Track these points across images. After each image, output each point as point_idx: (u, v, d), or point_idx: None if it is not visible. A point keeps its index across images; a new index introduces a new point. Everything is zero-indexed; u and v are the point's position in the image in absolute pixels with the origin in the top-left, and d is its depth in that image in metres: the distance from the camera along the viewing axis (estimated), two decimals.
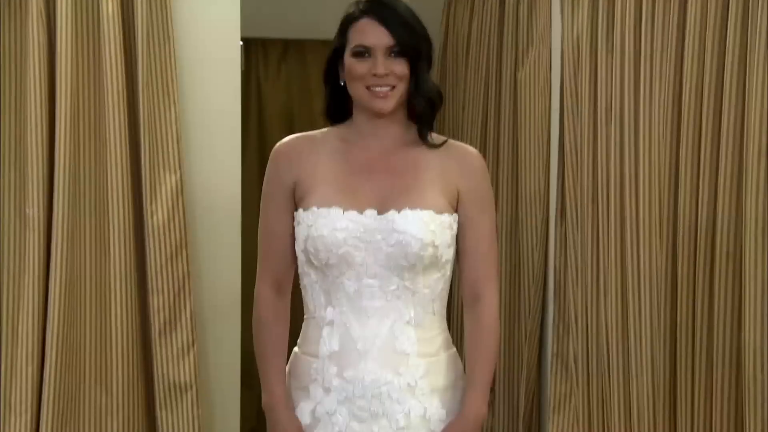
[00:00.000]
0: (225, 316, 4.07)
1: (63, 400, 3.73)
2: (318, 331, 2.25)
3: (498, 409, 4.57)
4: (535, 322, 4.39)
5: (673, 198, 3.31)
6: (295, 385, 2.28)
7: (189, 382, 3.88)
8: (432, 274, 2.24)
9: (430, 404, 2.24)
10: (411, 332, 2.23)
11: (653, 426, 3.46)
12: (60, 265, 3.70)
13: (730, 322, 3.04)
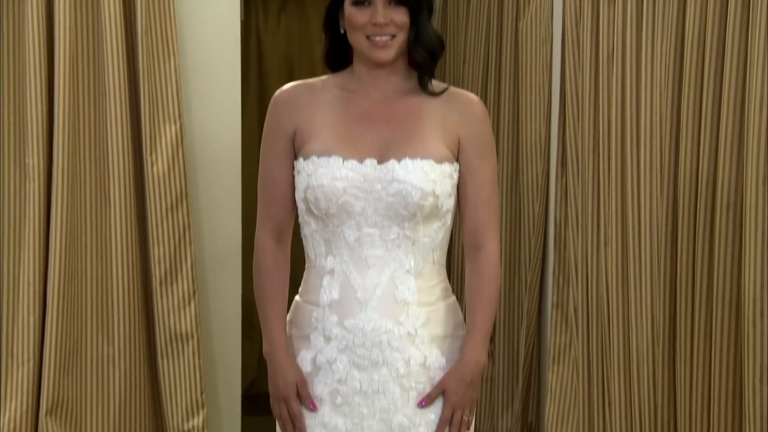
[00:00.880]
0: (226, 266, 4.08)
1: (65, 349, 3.75)
2: (318, 280, 2.25)
3: (498, 359, 4.59)
4: (536, 272, 4.40)
5: (674, 148, 3.30)
6: (296, 334, 2.29)
7: (190, 332, 3.90)
8: (432, 224, 2.23)
9: (429, 352, 2.25)
10: (411, 281, 2.23)
11: (653, 375, 3.47)
12: (60, 215, 3.70)
13: (729, 271, 3.04)
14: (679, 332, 3.29)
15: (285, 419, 2.25)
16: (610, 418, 3.74)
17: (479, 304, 2.25)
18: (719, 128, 3.06)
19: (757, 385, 2.90)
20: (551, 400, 4.17)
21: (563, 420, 4.14)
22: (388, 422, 2.22)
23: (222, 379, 4.10)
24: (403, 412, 2.22)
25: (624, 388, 3.66)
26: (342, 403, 2.23)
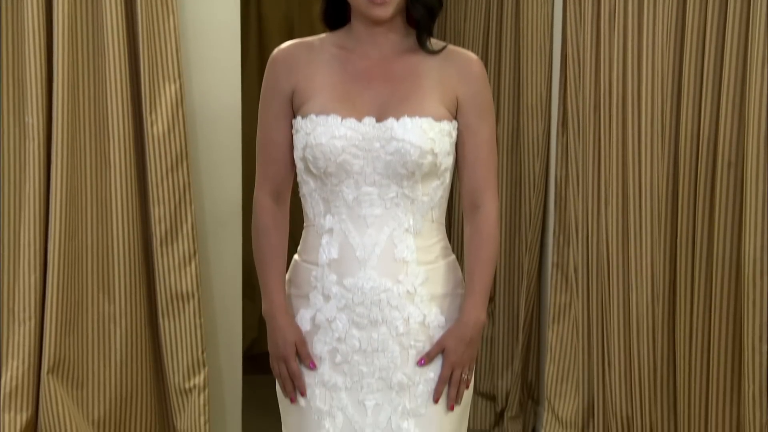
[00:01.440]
0: (226, 226, 4.08)
1: (66, 308, 3.76)
2: (317, 239, 2.25)
3: (498, 319, 4.61)
4: (536, 232, 4.40)
5: (675, 107, 3.29)
6: (295, 293, 2.29)
7: (191, 292, 3.91)
8: (431, 182, 2.23)
9: (429, 311, 2.25)
10: (410, 240, 2.23)
11: (652, 334, 3.48)
12: (60, 174, 3.70)
13: (730, 230, 3.04)
14: (678, 291, 3.30)
15: (284, 378, 2.26)
16: (610, 377, 3.76)
17: (478, 263, 2.25)
18: (721, 87, 3.04)
19: (756, 344, 2.91)
20: (551, 359, 4.19)
21: (563, 379, 4.16)
22: (388, 380, 2.23)
23: (223, 338, 4.12)
24: (402, 371, 2.23)
25: (624, 347, 3.68)
26: (341, 361, 2.24)
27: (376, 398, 2.23)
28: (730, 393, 3.07)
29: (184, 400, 3.91)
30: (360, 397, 2.23)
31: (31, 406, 3.76)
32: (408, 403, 2.23)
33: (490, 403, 4.70)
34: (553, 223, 4.24)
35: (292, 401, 2.26)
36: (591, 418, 3.95)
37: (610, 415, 3.77)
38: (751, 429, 2.93)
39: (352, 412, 2.23)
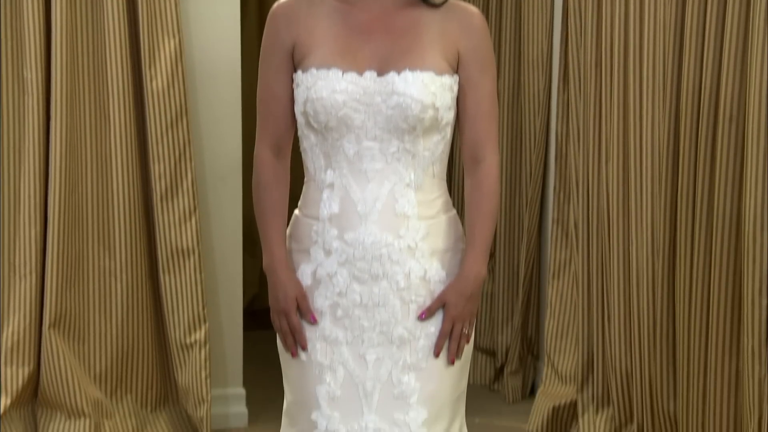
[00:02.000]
0: (226, 182, 4.08)
1: (67, 263, 3.77)
2: (318, 194, 2.25)
3: (498, 275, 4.62)
4: (536, 188, 4.40)
5: (677, 61, 3.28)
6: (296, 248, 2.29)
7: (191, 248, 3.91)
8: (432, 137, 2.22)
9: (430, 266, 2.25)
10: (411, 195, 2.23)
11: (652, 289, 3.49)
12: (60, 129, 3.69)
13: (731, 185, 3.04)
14: (679, 246, 3.30)
15: (285, 332, 2.26)
16: (609, 332, 3.77)
17: (479, 217, 2.25)
18: (723, 42, 3.03)
19: (755, 298, 2.92)
20: (551, 314, 4.20)
21: (562, 334, 4.17)
22: (388, 334, 2.23)
23: (223, 294, 4.13)
24: (403, 325, 2.24)
25: (623, 303, 3.69)
26: (342, 316, 2.24)
27: (376, 352, 2.23)
28: (729, 347, 3.08)
29: (185, 355, 3.93)
30: (361, 351, 2.24)
31: (32, 361, 3.78)
32: (409, 357, 2.23)
33: (489, 358, 4.72)
34: (554, 179, 4.23)
35: (293, 355, 2.27)
36: (590, 372, 3.97)
37: (610, 370, 3.79)
38: (749, 382, 2.95)
39: (353, 366, 2.23)
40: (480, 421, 4.19)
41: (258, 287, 5.53)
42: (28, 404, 3.84)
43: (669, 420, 3.44)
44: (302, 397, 2.25)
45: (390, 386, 2.23)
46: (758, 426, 2.92)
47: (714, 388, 3.12)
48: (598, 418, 3.92)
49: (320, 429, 2.22)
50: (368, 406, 2.22)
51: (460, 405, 2.32)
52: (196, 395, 3.92)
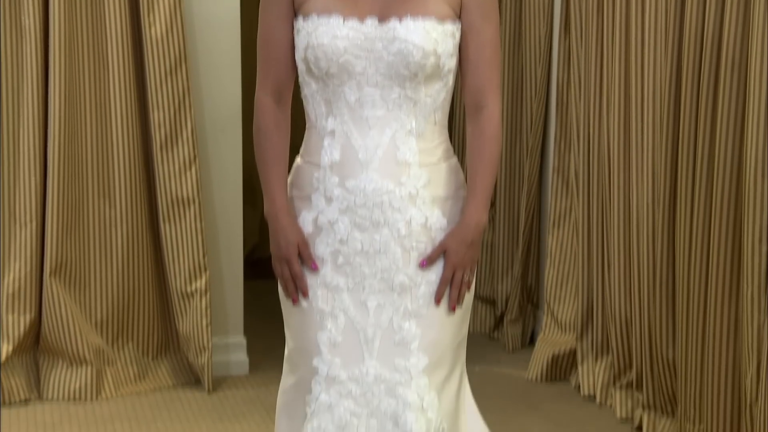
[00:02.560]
0: (226, 131, 4.07)
1: (67, 211, 3.77)
2: (319, 141, 2.24)
3: (498, 224, 4.62)
4: (537, 137, 4.39)
5: (679, 9, 3.25)
6: (297, 195, 2.29)
7: (191, 197, 3.91)
8: (434, 84, 2.21)
9: (431, 213, 2.25)
10: (412, 142, 2.22)
11: (652, 237, 3.49)
12: (58, 76, 3.68)
13: (732, 132, 3.03)
14: (679, 194, 3.30)
15: (287, 279, 2.26)
16: (609, 280, 3.78)
17: (480, 164, 2.24)
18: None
19: (755, 245, 2.92)
20: (551, 263, 4.21)
21: (562, 283, 4.18)
22: (389, 282, 2.24)
23: (224, 243, 4.13)
24: (404, 272, 2.24)
25: (623, 251, 3.69)
26: (343, 263, 2.24)
27: (377, 299, 2.24)
28: (729, 294, 3.09)
29: (185, 303, 3.94)
30: (362, 298, 2.24)
31: (34, 308, 3.80)
32: (409, 304, 2.24)
33: (490, 307, 4.74)
34: (554, 128, 4.22)
35: (294, 302, 2.27)
36: (590, 320, 3.99)
37: (609, 318, 3.81)
38: (748, 329, 2.96)
39: (354, 312, 2.24)
40: (480, 369, 4.21)
41: (258, 237, 5.53)
42: (30, 351, 3.86)
43: (668, 367, 3.46)
44: (303, 344, 2.26)
45: (391, 333, 2.23)
46: (757, 372, 2.93)
47: (713, 335, 3.14)
48: (597, 366, 3.94)
49: (321, 375, 2.23)
50: (369, 353, 2.23)
51: (461, 352, 2.33)
52: (197, 343, 3.94)
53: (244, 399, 3.92)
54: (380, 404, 2.21)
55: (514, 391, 4.06)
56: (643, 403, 3.60)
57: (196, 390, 3.99)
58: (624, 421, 3.74)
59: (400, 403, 2.21)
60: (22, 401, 3.81)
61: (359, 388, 2.22)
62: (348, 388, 2.22)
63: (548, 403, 3.93)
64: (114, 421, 3.69)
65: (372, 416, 2.21)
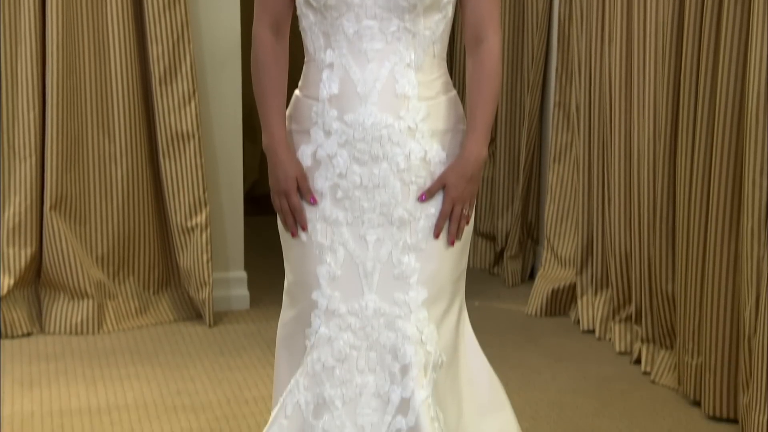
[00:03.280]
0: (225, 65, 4.05)
1: (66, 146, 3.76)
2: (318, 74, 2.23)
3: (499, 159, 4.61)
4: (538, 71, 4.36)
5: None
6: (296, 129, 2.28)
7: (191, 132, 3.90)
8: (433, 16, 2.19)
9: (430, 147, 2.24)
10: (411, 75, 2.21)
11: (653, 171, 3.49)
12: (56, 9, 3.66)
13: (735, 63, 3.01)
14: (680, 127, 3.29)
15: (286, 212, 2.26)
16: (610, 214, 3.79)
17: (480, 97, 2.23)
18: None
19: (756, 178, 2.92)
20: (551, 199, 4.21)
21: (562, 218, 4.19)
22: (389, 216, 2.23)
23: (224, 178, 4.13)
24: (403, 206, 2.23)
25: (624, 185, 3.69)
26: (342, 197, 2.24)
27: (377, 233, 2.23)
28: (729, 227, 3.09)
29: (186, 238, 3.95)
30: (361, 232, 2.24)
31: (34, 242, 3.81)
32: (409, 238, 2.24)
33: (489, 243, 4.74)
34: (556, 62, 4.20)
35: (294, 236, 2.27)
36: (590, 255, 4.00)
37: (609, 252, 3.81)
38: (748, 263, 2.96)
39: (353, 246, 2.24)
40: (479, 304, 4.23)
41: (258, 173, 5.53)
42: (32, 285, 3.89)
43: (667, 300, 3.48)
44: (303, 277, 2.27)
45: (390, 266, 2.23)
46: (756, 306, 2.94)
47: (712, 268, 3.15)
48: (596, 300, 3.96)
49: (321, 308, 2.24)
50: (368, 286, 2.23)
51: (460, 286, 2.33)
52: (197, 278, 3.95)
53: (245, 333, 3.94)
54: (379, 337, 2.22)
55: (514, 325, 4.09)
56: (642, 336, 3.62)
57: (197, 324, 4.01)
58: (623, 354, 3.76)
59: (399, 336, 2.21)
60: (24, 334, 3.84)
61: (358, 322, 2.22)
62: (347, 322, 2.23)
63: (547, 337, 3.96)
64: (116, 354, 3.72)
65: (371, 349, 2.22)
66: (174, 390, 3.43)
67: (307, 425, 2.20)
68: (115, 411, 3.27)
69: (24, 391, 3.41)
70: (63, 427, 3.17)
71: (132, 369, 3.59)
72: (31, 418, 3.22)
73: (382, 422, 2.19)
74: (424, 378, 2.19)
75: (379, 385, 2.21)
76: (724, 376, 3.17)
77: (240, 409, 3.29)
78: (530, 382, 3.54)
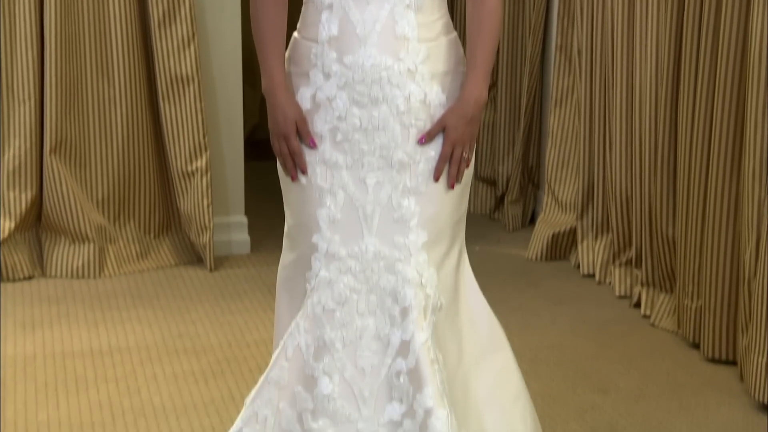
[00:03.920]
0: (224, 8, 4.03)
1: (65, 89, 3.75)
2: (317, 16, 2.21)
3: (500, 104, 4.60)
4: (540, 14, 4.33)
5: None
6: (295, 71, 2.26)
7: (190, 75, 3.88)
8: None
9: (430, 89, 2.23)
10: (411, 16, 2.19)
11: (655, 114, 3.48)
12: None
13: (738, 5, 2.99)
14: (683, 70, 3.28)
15: (285, 156, 2.26)
16: (611, 158, 3.78)
17: (480, 38, 2.21)
18: None
19: (759, 119, 2.91)
20: (552, 143, 4.20)
21: (563, 163, 4.18)
22: (388, 159, 2.23)
23: (224, 122, 4.12)
24: (403, 149, 2.23)
25: (625, 129, 3.68)
26: (342, 140, 2.23)
27: (376, 176, 2.23)
28: (730, 169, 3.09)
29: (186, 182, 3.95)
30: (361, 175, 2.23)
31: (35, 185, 3.81)
32: (408, 181, 2.23)
33: (490, 188, 4.74)
34: (557, 5, 4.17)
35: (293, 179, 2.26)
36: (590, 199, 4.00)
37: (610, 196, 3.81)
38: (749, 204, 2.96)
39: (353, 189, 2.24)
40: (480, 249, 4.24)
41: (259, 117, 5.51)
42: (32, 229, 3.89)
43: (667, 243, 3.48)
44: (303, 221, 2.27)
45: (390, 210, 2.23)
46: (756, 248, 2.95)
47: (713, 211, 3.14)
48: (596, 244, 3.96)
49: (321, 252, 2.24)
50: (368, 229, 2.23)
51: (460, 228, 2.33)
52: (198, 223, 3.96)
53: (246, 277, 3.96)
54: (379, 280, 2.22)
55: (514, 269, 4.10)
56: (642, 279, 3.63)
57: (198, 268, 4.03)
58: (622, 297, 3.78)
59: (399, 279, 2.22)
60: (25, 277, 3.86)
61: (359, 265, 2.23)
62: (347, 265, 2.23)
63: (547, 281, 3.97)
64: (117, 297, 3.74)
65: (371, 292, 2.23)
66: (175, 333, 3.45)
67: (308, 367, 2.21)
68: (117, 353, 3.30)
69: (26, 334, 3.43)
70: (65, 368, 3.19)
71: (133, 312, 3.61)
72: (33, 360, 3.24)
73: (382, 364, 2.20)
74: (424, 321, 2.20)
75: (380, 327, 2.21)
76: (724, 319, 3.18)
77: (241, 352, 3.31)
78: (530, 325, 3.56)
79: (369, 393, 2.20)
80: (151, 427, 2.84)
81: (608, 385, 3.13)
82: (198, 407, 2.96)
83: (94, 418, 2.90)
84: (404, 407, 2.17)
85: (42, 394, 3.03)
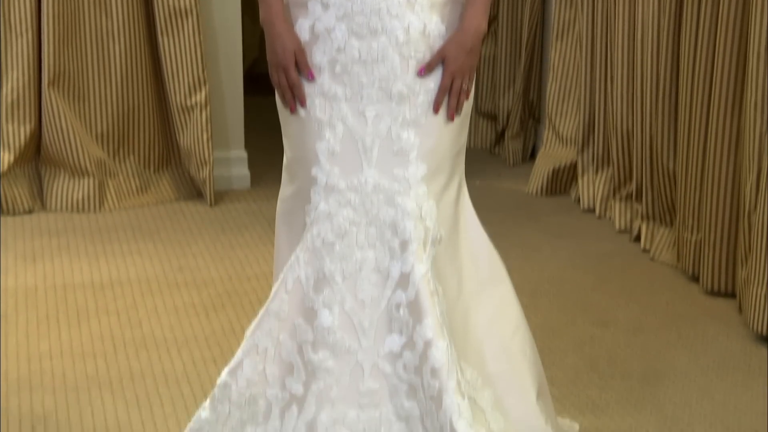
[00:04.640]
0: None
1: (63, 22, 3.72)
2: None
3: (500, 37, 4.57)
4: None
5: None
6: (293, 2, 2.24)
7: (189, 8, 3.86)
8: None
9: (429, 20, 2.21)
10: None
11: (657, 47, 3.46)
12: None
13: None
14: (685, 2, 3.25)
15: (284, 87, 2.24)
16: (612, 92, 3.77)
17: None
18: None
19: (761, 51, 2.89)
20: (553, 77, 4.18)
21: (564, 97, 4.16)
22: (387, 90, 2.21)
23: (223, 56, 4.10)
24: (402, 81, 2.21)
25: (627, 62, 3.66)
26: (341, 71, 2.21)
27: (376, 108, 2.22)
28: (732, 102, 3.07)
29: (186, 117, 3.94)
30: (360, 107, 2.22)
31: (33, 119, 3.80)
32: (408, 113, 2.22)
33: (491, 122, 4.73)
34: None
35: (292, 111, 2.25)
36: (591, 133, 3.99)
37: (611, 130, 3.80)
38: (750, 137, 2.95)
39: (353, 121, 2.23)
40: (480, 184, 4.24)
41: (258, 51, 5.48)
42: (32, 162, 3.89)
43: (668, 177, 3.48)
44: (301, 153, 2.26)
45: (389, 142, 2.22)
46: (756, 181, 2.94)
47: (714, 145, 3.14)
48: (597, 178, 3.96)
49: (320, 184, 2.23)
50: (368, 162, 2.23)
51: (460, 160, 2.32)
52: (198, 157, 3.95)
53: (246, 212, 3.96)
54: (379, 213, 2.22)
55: (515, 204, 4.10)
56: (642, 213, 3.63)
57: (198, 203, 4.03)
58: (622, 231, 3.78)
59: (398, 211, 2.22)
60: (25, 211, 3.86)
61: (358, 197, 2.22)
62: (347, 197, 2.23)
63: (548, 216, 3.97)
64: (118, 231, 3.74)
65: (371, 225, 2.23)
66: (176, 266, 3.46)
67: (308, 299, 2.22)
68: (117, 286, 3.31)
69: (27, 266, 3.44)
70: (66, 300, 3.20)
71: (134, 245, 3.62)
72: (35, 292, 3.26)
73: (382, 296, 2.21)
74: (424, 253, 2.20)
75: (379, 260, 2.22)
76: (723, 252, 3.19)
77: (241, 285, 3.33)
78: (530, 259, 3.57)
79: (369, 325, 2.21)
80: (152, 359, 2.86)
81: (607, 317, 3.15)
82: (199, 339, 2.98)
83: (95, 348, 2.92)
84: (404, 339, 2.18)
85: (43, 325, 3.05)
